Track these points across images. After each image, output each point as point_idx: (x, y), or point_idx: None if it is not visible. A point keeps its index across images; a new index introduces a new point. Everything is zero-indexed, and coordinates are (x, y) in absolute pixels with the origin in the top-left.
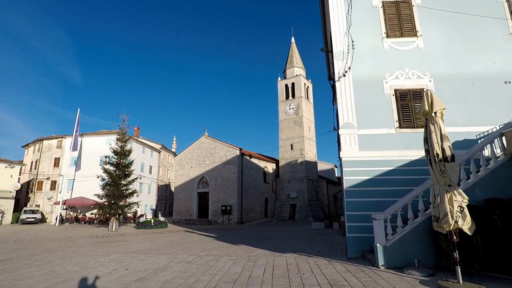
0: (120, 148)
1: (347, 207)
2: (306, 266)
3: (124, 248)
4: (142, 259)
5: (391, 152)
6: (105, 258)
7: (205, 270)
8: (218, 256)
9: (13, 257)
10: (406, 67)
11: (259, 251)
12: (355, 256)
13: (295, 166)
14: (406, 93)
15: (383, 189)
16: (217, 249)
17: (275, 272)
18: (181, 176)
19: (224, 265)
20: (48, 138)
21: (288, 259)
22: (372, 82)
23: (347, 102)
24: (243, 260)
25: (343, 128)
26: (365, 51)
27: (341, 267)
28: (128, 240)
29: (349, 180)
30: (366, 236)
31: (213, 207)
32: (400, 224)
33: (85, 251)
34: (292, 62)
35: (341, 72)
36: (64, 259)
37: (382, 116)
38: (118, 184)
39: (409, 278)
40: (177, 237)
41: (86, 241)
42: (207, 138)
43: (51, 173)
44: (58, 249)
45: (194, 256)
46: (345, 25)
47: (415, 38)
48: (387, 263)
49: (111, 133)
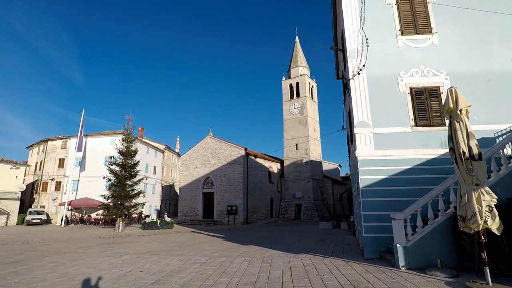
0: (125, 149)
1: (363, 207)
2: (323, 267)
3: (134, 249)
4: (154, 260)
5: (407, 151)
6: (117, 259)
7: (221, 271)
8: (231, 257)
9: (24, 258)
10: (422, 65)
11: (272, 252)
12: (372, 257)
13: (300, 166)
14: (422, 91)
15: (400, 189)
16: (229, 249)
17: (293, 273)
18: (186, 176)
19: (240, 266)
20: (53, 139)
21: (304, 260)
22: (387, 80)
23: (361, 101)
24: (258, 261)
25: (358, 126)
26: (379, 49)
27: (360, 268)
28: (137, 241)
29: (365, 179)
30: (383, 236)
31: (219, 207)
32: (420, 224)
33: (95, 253)
34: (296, 62)
35: (356, 70)
36: (76, 261)
37: (398, 114)
38: (124, 185)
39: (433, 279)
40: (185, 237)
41: (94, 242)
42: (212, 138)
43: (56, 174)
44: (68, 250)
45: (207, 257)
46: (358, 22)
47: (430, 35)
48: (408, 264)
49: (115, 134)
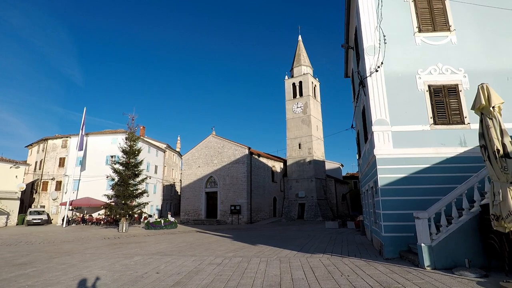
0: (129, 147)
1: (382, 206)
2: (345, 267)
3: (144, 250)
4: (168, 261)
5: (426, 149)
6: (129, 260)
7: (240, 272)
8: (246, 257)
9: (32, 260)
10: (440, 62)
11: (286, 252)
12: (392, 257)
13: (304, 165)
14: (441, 88)
15: (419, 187)
16: (241, 250)
17: (316, 274)
18: (188, 175)
19: (258, 267)
20: (53, 137)
21: (322, 260)
22: (405, 78)
23: (379, 98)
24: (275, 261)
25: (376, 124)
26: (396, 46)
27: (383, 268)
28: (144, 241)
29: (384, 178)
30: (403, 235)
31: (222, 207)
32: (445, 223)
33: (104, 253)
34: (299, 61)
35: (373, 68)
36: (87, 262)
37: (416, 112)
38: (128, 184)
39: (463, 280)
40: (192, 237)
41: (100, 242)
42: (214, 137)
43: (56, 174)
44: (76, 251)
45: (221, 258)
46: (375, 19)
47: (448, 33)
48: (433, 264)
49: (117, 133)
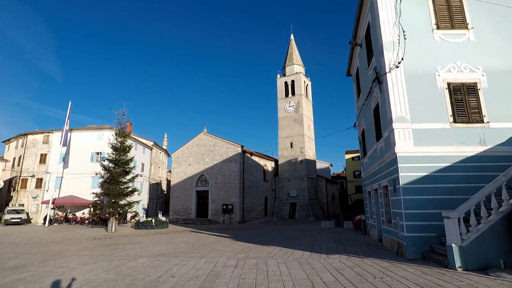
0: (119, 144)
1: (404, 205)
2: (371, 269)
3: (145, 251)
4: (177, 263)
5: (447, 147)
6: (134, 263)
7: (264, 275)
8: (261, 258)
9: (23, 263)
10: (458, 60)
11: (299, 253)
12: (414, 257)
13: (295, 165)
14: (460, 86)
15: (441, 186)
16: (249, 250)
17: (346, 276)
18: (178, 174)
19: (280, 270)
20: (33, 133)
21: (342, 261)
22: (424, 75)
23: (399, 95)
24: (294, 263)
25: (397, 122)
26: (415, 42)
27: (413, 269)
28: (139, 241)
29: (406, 176)
30: (425, 236)
31: (213, 206)
32: (474, 223)
33: (103, 255)
34: (291, 59)
35: (392, 64)
36: (88, 265)
37: (435, 110)
38: (118, 182)
39: (505, 281)
40: (190, 238)
41: (92, 243)
42: (206, 135)
43: (37, 170)
44: (69, 253)
45: (234, 259)
46: (393, 15)
47: (466, 31)
48: (464, 265)
49: (103, 129)
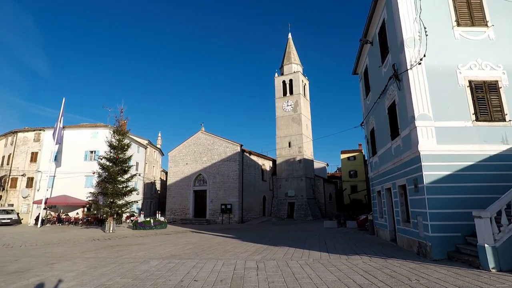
0: (117, 142)
1: (428, 204)
2: (400, 269)
3: (153, 253)
4: (194, 266)
5: (470, 146)
6: (146, 265)
7: (293, 279)
8: (279, 260)
9: (26, 267)
10: (479, 58)
11: (315, 253)
12: (440, 258)
13: (294, 164)
14: (482, 84)
15: (465, 186)
16: (263, 251)
17: (379, 278)
18: (175, 173)
19: (307, 272)
20: (23, 130)
21: (366, 262)
22: (445, 72)
23: (421, 92)
24: (317, 264)
25: (419, 119)
26: (435, 39)
27: (444, 270)
28: (142, 242)
29: (430, 175)
30: (450, 235)
31: (212, 206)
32: (505, 222)
33: (110, 258)
34: (289, 58)
35: (413, 60)
36: (98, 268)
37: (457, 108)
38: (116, 181)
39: None
40: (193, 238)
41: (92, 244)
42: (204, 134)
43: (28, 169)
44: (72, 255)
45: (252, 261)
46: (414, 10)
47: (486, 28)
48: (498, 266)
49: (97, 126)
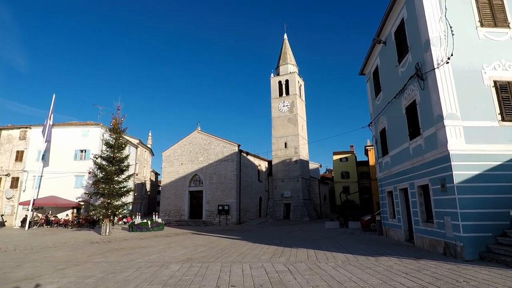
0: (114, 140)
1: (460, 204)
2: (439, 271)
3: (166, 256)
4: (221, 270)
5: (497, 146)
6: (168, 270)
7: (335, 282)
8: (308, 262)
9: (33, 273)
10: (503, 58)
11: (338, 255)
12: (472, 258)
13: (290, 165)
14: (506, 85)
15: (494, 185)
16: (283, 253)
17: (425, 280)
18: (169, 173)
19: (345, 275)
20: (7, 128)
21: (397, 263)
22: (471, 72)
23: (448, 92)
24: (350, 266)
25: (448, 118)
26: (460, 38)
27: (486, 271)
28: (147, 245)
29: (460, 175)
30: (481, 235)
31: (208, 207)
32: None
33: (123, 262)
34: (285, 59)
35: (440, 59)
36: (117, 274)
37: (483, 107)
38: (113, 181)
39: None
40: (199, 240)
41: (95, 248)
42: (200, 133)
43: (12, 169)
44: (78, 259)
45: (279, 264)
46: (438, 10)
47: (508, 29)
48: None
49: (88, 125)
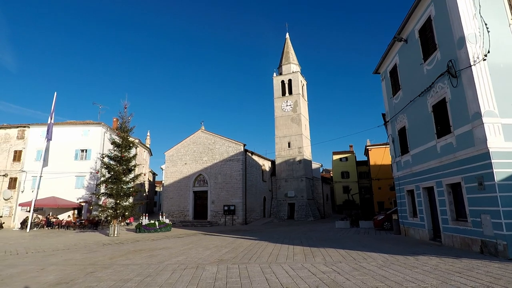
0: (122, 139)
1: (502, 202)
2: (491, 270)
3: (194, 258)
4: (262, 271)
5: None
6: (206, 272)
7: (395, 283)
8: (348, 263)
9: (63, 277)
10: None
11: (374, 255)
12: None
13: (293, 164)
14: None
15: None
16: (313, 254)
17: (484, 280)
18: (172, 173)
19: (398, 275)
20: (5, 126)
21: (441, 262)
22: (506, 68)
23: (485, 89)
24: (396, 266)
25: (486, 116)
26: (494, 35)
27: None
28: (167, 247)
29: (501, 172)
30: None
31: (213, 207)
32: None
33: (152, 264)
34: (288, 58)
35: (475, 56)
36: (155, 277)
37: None
38: (121, 181)
39: None
40: (216, 241)
41: (112, 249)
42: (204, 133)
43: (10, 169)
44: (103, 262)
45: (320, 264)
46: (472, 7)
47: None
48: None
49: (88, 124)
